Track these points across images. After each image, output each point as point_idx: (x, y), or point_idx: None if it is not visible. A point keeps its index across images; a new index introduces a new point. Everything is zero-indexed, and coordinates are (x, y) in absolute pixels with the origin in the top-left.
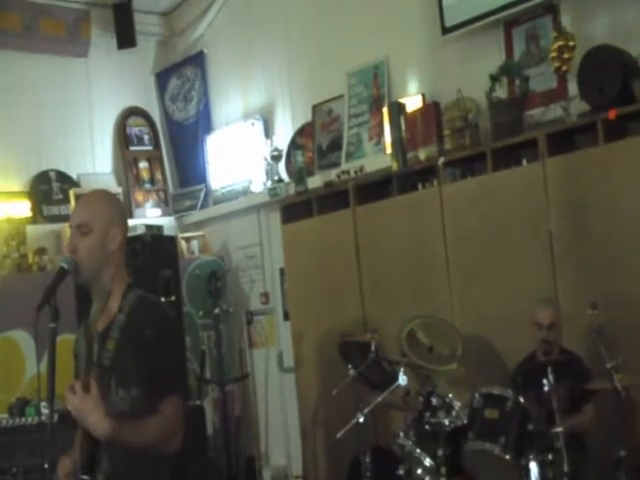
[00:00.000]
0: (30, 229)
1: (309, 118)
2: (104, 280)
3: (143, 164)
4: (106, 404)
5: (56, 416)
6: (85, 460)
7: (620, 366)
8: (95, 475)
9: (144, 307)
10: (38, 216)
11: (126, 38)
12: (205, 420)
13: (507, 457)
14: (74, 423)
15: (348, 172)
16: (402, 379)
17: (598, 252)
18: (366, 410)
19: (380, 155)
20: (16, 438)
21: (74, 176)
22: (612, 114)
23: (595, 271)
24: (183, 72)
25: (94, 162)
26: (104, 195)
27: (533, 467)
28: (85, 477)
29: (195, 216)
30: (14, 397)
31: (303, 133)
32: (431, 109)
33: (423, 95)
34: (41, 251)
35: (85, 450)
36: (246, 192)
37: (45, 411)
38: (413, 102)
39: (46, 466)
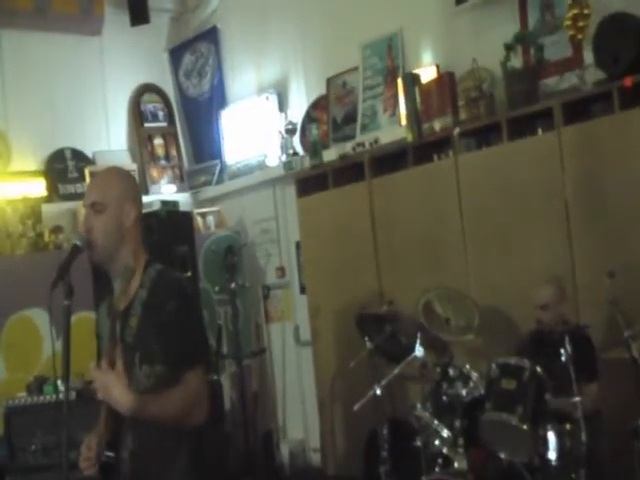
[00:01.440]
0: (46, 208)
1: (323, 91)
2: (122, 258)
3: (158, 140)
4: (130, 381)
5: (73, 394)
6: (110, 437)
7: (637, 335)
8: (120, 452)
9: (165, 282)
10: (54, 195)
11: (139, 15)
12: (222, 395)
13: (524, 427)
14: (91, 400)
15: (363, 144)
16: (419, 350)
17: (614, 221)
18: (383, 382)
19: (395, 127)
20: (35, 416)
21: (89, 154)
22: (628, 82)
23: (611, 240)
24: (197, 48)
25: (109, 139)
26: (116, 172)
27: (551, 437)
28: (110, 454)
29: (210, 191)
30: (32, 376)
31: (318, 106)
32: (446, 79)
33: (437, 66)
34: (57, 230)
35: (110, 427)
36: (261, 166)
37: (62, 389)
38: (428, 73)
39: (64, 443)
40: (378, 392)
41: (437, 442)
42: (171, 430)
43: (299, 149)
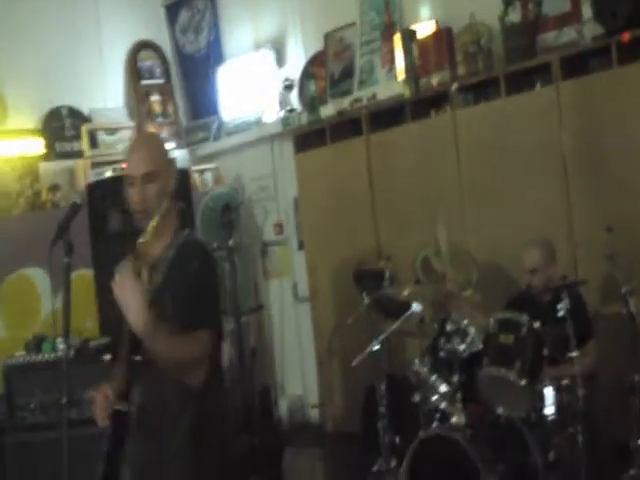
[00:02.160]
0: (43, 166)
1: (321, 47)
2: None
3: (155, 97)
4: None
5: (72, 351)
6: (122, 389)
7: (635, 290)
8: (129, 404)
9: (192, 244)
10: (51, 153)
11: None
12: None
13: (522, 382)
14: (90, 358)
15: (361, 100)
16: (416, 306)
17: (612, 176)
18: (381, 338)
19: (392, 82)
20: (33, 375)
21: (86, 112)
22: (626, 37)
23: (609, 195)
24: (193, 3)
25: (105, 97)
26: (155, 138)
27: (548, 392)
28: (119, 406)
29: (208, 148)
30: (30, 334)
31: (315, 62)
32: (443, 35)
33: (435, 21)
34: (54, 188)
35: (121, 380)
36: (259, 123)
37: (61, 347)
38: (425, 28)
39: (63, 401)
40: (376, 348)
41: (435, 397)
42: (177, 388)
43: (297, 105)
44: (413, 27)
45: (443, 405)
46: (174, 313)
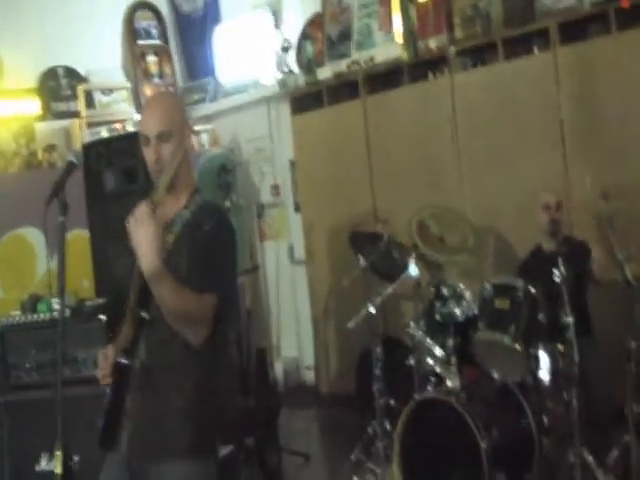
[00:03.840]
0: (39, 126)
1: (319, 8)
2: (179, 179)
3: (151, 58)
4: None
5: (67, 311)
6: (128, 344)
7: (631, 256)
8: (133, 360)
9: (209, 207)
10: (47, 113)
11: None
12: None
13: (517, 347)
14: (86, 318)
15: (358, 62)
16: (413, 269)
17: (610, 142)
18: (377, 300)
19: (390, 45)
20: (29, 334)
21: (82, 72)
22: (625, 2)
23: (606, 161)
24: None
25: (102, 57)
26: (171, 97)
27: (543, 357)
28: (123, 360)
29: (204, 109)
30: (26, 294)
31: (313, 24)
32: None
33: None
34: (50, 148)
35: (127, 335)
36: (255, 84)
37: (57, 307)
38: None
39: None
40: (372, 310)
41: (430, 360)
42: (182, 348)
43: (294, 67)
44: None
45: (438, 368)
46: (186, 275)
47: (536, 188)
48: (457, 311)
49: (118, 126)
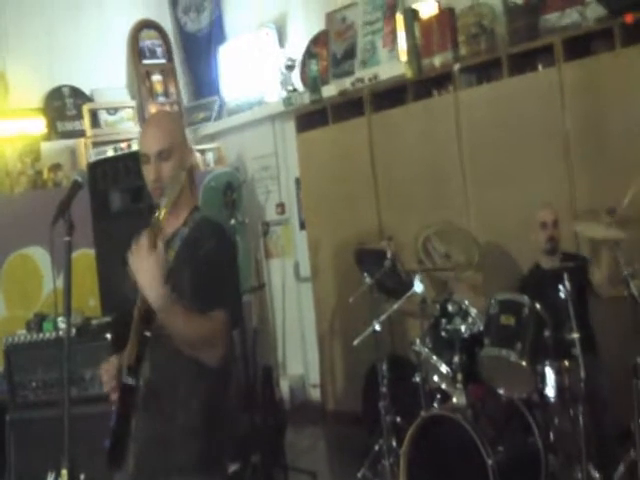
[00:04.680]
0: (44, 145)
1: (323, 26)
2: (179, 199)
3: (156, 77)
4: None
5: (73, 330)
6: (131, 363)
7: (636, 273)
8: (137, 380)
9: (209, 224)
10: (52, 132)
11: None
12: None
13: (523, 363)
14: (91, 337)
15: (363, 80)
16: (418, 286)
17: (614, 158)
18: (382, 318)
19: (395, 62)
20: (35, 353)
21: (87, 91)
22: (629, 18)
23: (611, 177)
24: None
25: (107, 77)
26: (171, 116)
27: (549, 374)
28: (128, 379)
29: (209, 128)
30: (32, 313)
31: (317, 42)
32: (446, 15)
33: (438, 1)
34: (56, 167)
35: (132, 354)
36: (260, 102)
37: (62, 326)
38: (427, 8)
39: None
40: (377, 328)
41: (436, 378)
42: (188, 367)
43: (298, 85)
44: (415, 7)
45: (444, 385)
46: (191, 293)
47: (538, 205)
48: (463, 328)
49: (123, 145)
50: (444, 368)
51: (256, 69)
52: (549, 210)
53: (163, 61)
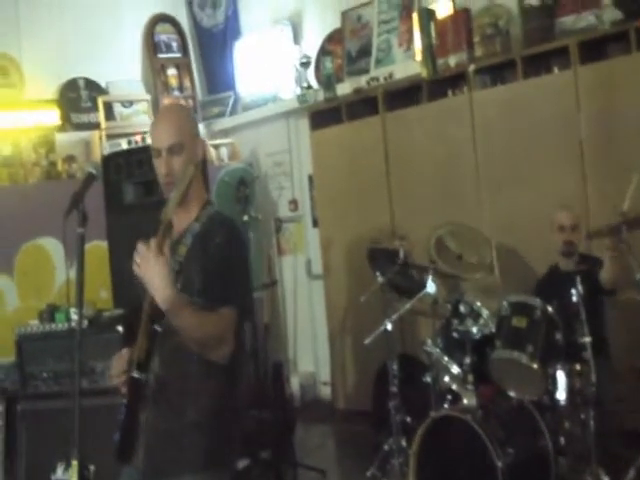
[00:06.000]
0: (59, 137)
1: (338, 24)
2: (191, 193)
3: (171, 71)
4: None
5: (85, 322)
6: (140, 358)
7: None
8: (147, 374)
9: (220, 219)
10: (67, 124)
11: None
12: None
13: (534, 366)
14: (103, 329)
15: (377, 79)
16: (430, 286)
17: (629, 160)
18: (394, 317)
19: (410, 62)
20: (46, 344)
21: (102, 84)
22: None
23: (625, 180)
24: None
25: (122, 70)
26: (182, 109)
27: (560, 377)
28: (137, 375)
29: (224, 123)
30: (44, 304)
31: (332, 39)
32: (461, 15)
33: (453, 1)
34: (70, 159)
35: (141, 348)
36: (275, 99)
37: (74, 317)
38: (443, 8)
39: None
40: (389, 327)
41: (446, 378)
42: (198, 363)
43: (313, 82)
44: (431, 7)
45: (454, 386)
46: (200, 289)
47: (555, 206)
48: (474, 329)
49: (138, 138)
50: (455, 369)
51: (271, 65)
52: (568, 214)
53: (178, 55)
